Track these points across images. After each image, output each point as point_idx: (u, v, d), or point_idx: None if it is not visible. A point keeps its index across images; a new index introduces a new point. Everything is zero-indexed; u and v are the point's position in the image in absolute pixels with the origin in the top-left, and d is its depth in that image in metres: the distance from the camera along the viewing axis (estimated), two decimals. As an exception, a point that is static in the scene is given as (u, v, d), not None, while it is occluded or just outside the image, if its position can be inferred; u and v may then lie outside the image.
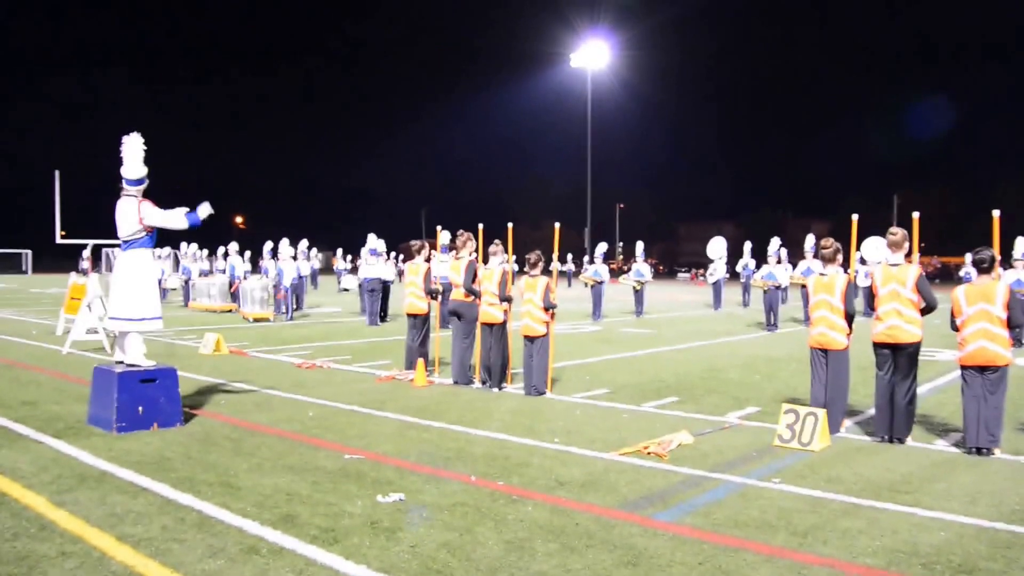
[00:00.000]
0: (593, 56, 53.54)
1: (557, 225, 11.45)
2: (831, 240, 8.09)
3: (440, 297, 18.32)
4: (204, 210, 8.18)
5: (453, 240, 11.84)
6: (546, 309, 9.85)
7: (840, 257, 8.00)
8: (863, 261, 20.70)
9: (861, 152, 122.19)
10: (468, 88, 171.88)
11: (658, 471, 6.42)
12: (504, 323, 10.25)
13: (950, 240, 65.42)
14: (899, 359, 7.44)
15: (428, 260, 11.95)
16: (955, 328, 7.33)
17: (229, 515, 5.22)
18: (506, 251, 10.67)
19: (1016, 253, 16.41)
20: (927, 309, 7.41)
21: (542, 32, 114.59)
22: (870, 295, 7.75)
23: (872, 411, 8.46)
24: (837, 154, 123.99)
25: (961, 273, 27.24)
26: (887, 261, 7.64)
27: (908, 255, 7.58)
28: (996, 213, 7.85)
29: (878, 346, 7.58)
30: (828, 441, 7.26)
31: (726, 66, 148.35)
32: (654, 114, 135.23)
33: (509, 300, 10.25)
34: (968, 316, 7.16)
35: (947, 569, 4.48)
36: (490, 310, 10.23)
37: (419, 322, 11.72)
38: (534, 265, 10.16)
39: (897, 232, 7.61)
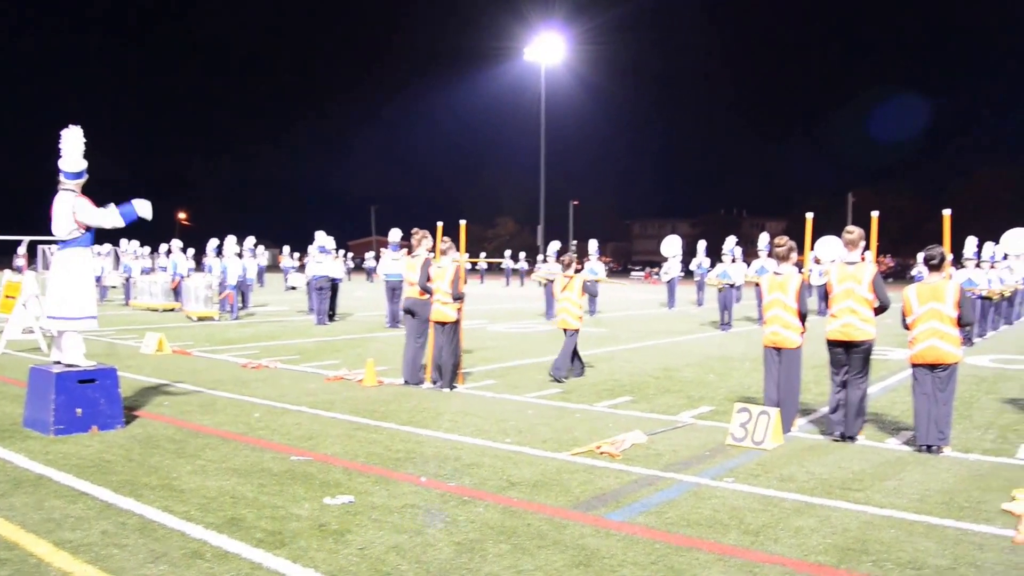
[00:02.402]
0: (547, 50, 53.53)
1: (463, 223, 11.03)
2: (785, 239, 8.11)
3: (391, 295, 18.26)
4: (143, 207, 7.87)
5: (406, 238, 11.62)
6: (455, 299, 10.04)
7: (794, 256, 8.01)
8: (817, 260, 20.97)
9: (817, 151, 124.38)
10: (420, 84, 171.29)
11: (611, 471, 6.38)
12: (456, 322, 10.13)
13: (905, 240, 66.71)
14: (852, 357, 7.48)
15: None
16: (906, 327, 7.40)
17: (172, 519, 5.06)
18: (458, 248, 10.55)
19: (967, 252, 16.73)
20: (880, 308, 7.46)
21: (495, 26, 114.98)
22: (825, 293, 7.79)
23: (824, 409, 8.55)
24: (793, 153, 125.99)
25: (913, 272, 27.78)
26: (843, 259, 7.66)
27: (864, 254, 7.63)
28: (947, 212, 7.95)
29: (832, 344, 7.61)
30: (781, 440, 7.28)
31: (682, 64, 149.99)
32: (609, 110, 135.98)
33: (461, 298, 10.14)
34: (919, 315, 7.23)
35: (896, 566, 4.49)
36: (442, 308, 10.11)
37: (449, 328, 10.22)
38: (568, 265, 11.32)
39: (853, 231, 7.65)
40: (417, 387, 10.19)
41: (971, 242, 16.75)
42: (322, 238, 19.67)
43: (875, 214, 8.31)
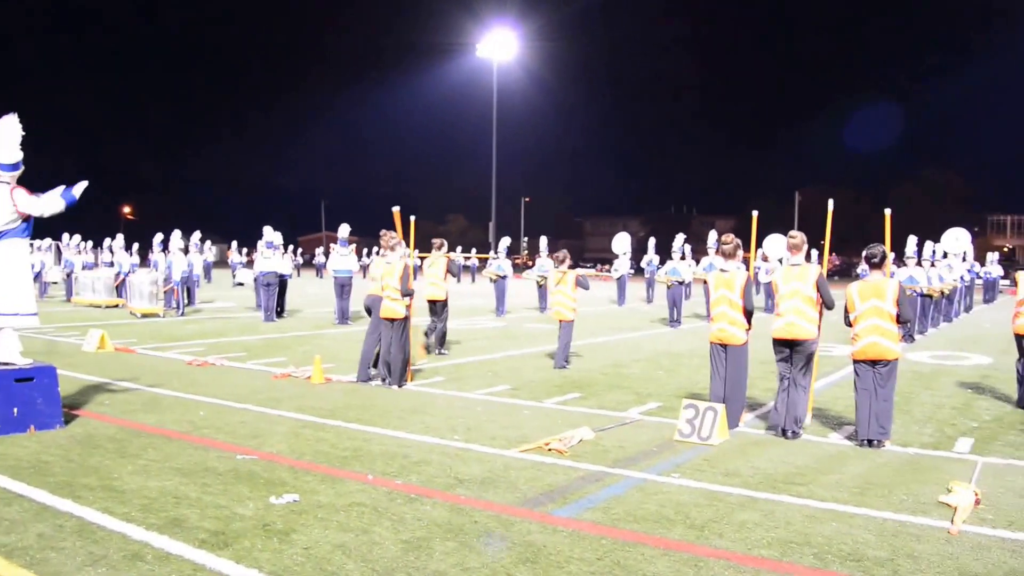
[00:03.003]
0: (499, 46, 53.46)
1: (412, 219, 11.00)
2: (731, 236, 8.19)
3: (341, 291, 18.10)
4: (79, 187, 7.71)
5: (354, 234, 11.53)
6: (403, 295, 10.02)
7: (740, 253, 8.14)
8: (765, 258, 21.26)
9: (767, 151, 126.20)
10: (371, 79, 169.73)
11: (558, 467, 6.40)
12: (406, 319, 10.08)
13: (850, 238, 67.83)
14: (795, 356, 7.61)
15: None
16: (848, 324, 7.55)
17: (112, 520, 4.95)
18: (408, 244, 10.50)
19: (908, 251, 17.10)
20: (825, 308, 7.62)
21: (448, 22, 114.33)
22: (772, 292, 7.97)
23: (770, 405, 8.69)
24: (743, 152, 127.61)
25: (859, 270, 28.35)
26: (788, 262, 7.80)
27: (808, 256, 7.81)
28: (888, 212, 8.12)
29: (777, 342, 7.73)
30: (727, 435, 7.36)
31: (634, 61, 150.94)
32: (562, 107, 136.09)
33: (411, 295, 10.09)
34: (861, 312, 7.37)
35: (837, 558, 4.58)
36: (391, 305, 10.05)
37: (398, 325, 10.18)
38: (561, 261, 12.07)
39: (797, 235, 7.79)
40: (366, 384, 10.12)
41: (912, 241, 17.13)
42: (270, 233, 19.41)
43: (831, 204, 8.42)
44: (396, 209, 10.48)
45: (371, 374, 10.43)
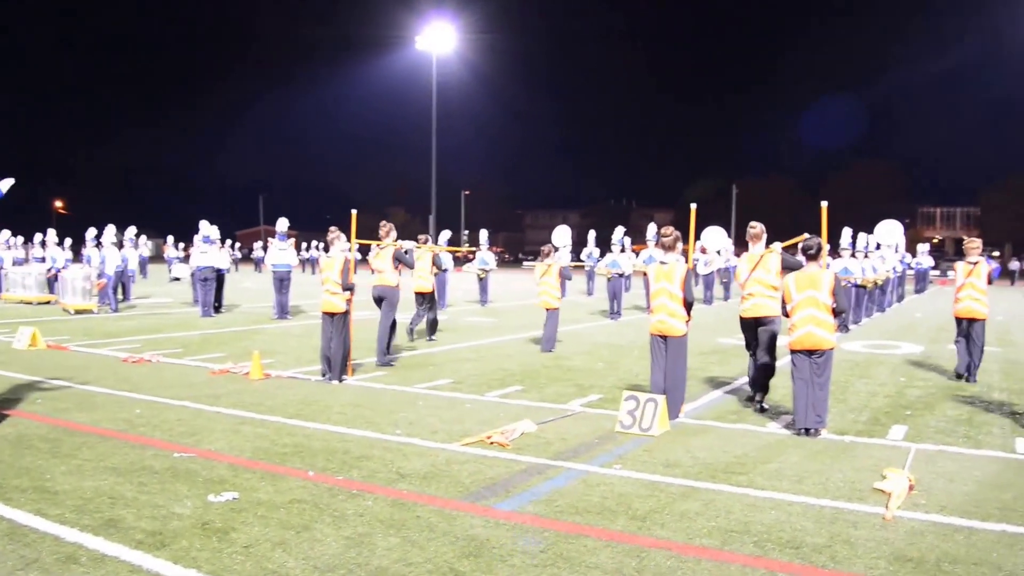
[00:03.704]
0: (439, 39, 53.16)
1: (354, 212, 10.87)
2: (671, 229, 8.32)
3: (279, 286, 17.85)
4: (6, 183, 7.48)
5: (293, 228, 11.41)
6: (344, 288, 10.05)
7: (680, 245, 8.22)
8: (703, 250, 21.51)
9: (704, 142, 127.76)
10: (311, 71, 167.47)
11: (500, 460, 6.40)
12: (346, 313, 9.99)
13: (786, 230, 69.13)
14: (760, 333, 8.49)
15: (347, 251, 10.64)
16: (786, 314, 7.70)
17: (44, 522, 4.82)
18: (348, 239, 10.40)
19: (843, 243, 17.47)
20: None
21: (387, 14, 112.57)
22: (712, 282, 8.32)
23: (708, 396, 8.86)
24: (681, 145, 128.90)
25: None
26: (750, 251, 8.66)
27: (768, 246, 8.51)
28: (824, 204, 8.29)
29: (743, 321, 8.68)
30: (667, 426, 7.45)
31: (572, 54, 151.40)
32: (501, 100, 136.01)
33: (351, 289, 10.00)
34: (797, 302, 7.53)
35: (776, 546, 4.66)
36: (331, 299, 9.95)
37: (338, 319, 10.12)
38: (547, 255, 13.51)
39: (756, 225, 8.64)
40: (305, 380, 9.99)
41: (847, 232, 17.51)
42: (206, 228, 19.04)
43: (824, 206, 8.44)
44: (354, 212, 10.72)
45: (389, 359, 11.40)
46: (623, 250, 21.14)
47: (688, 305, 7.99)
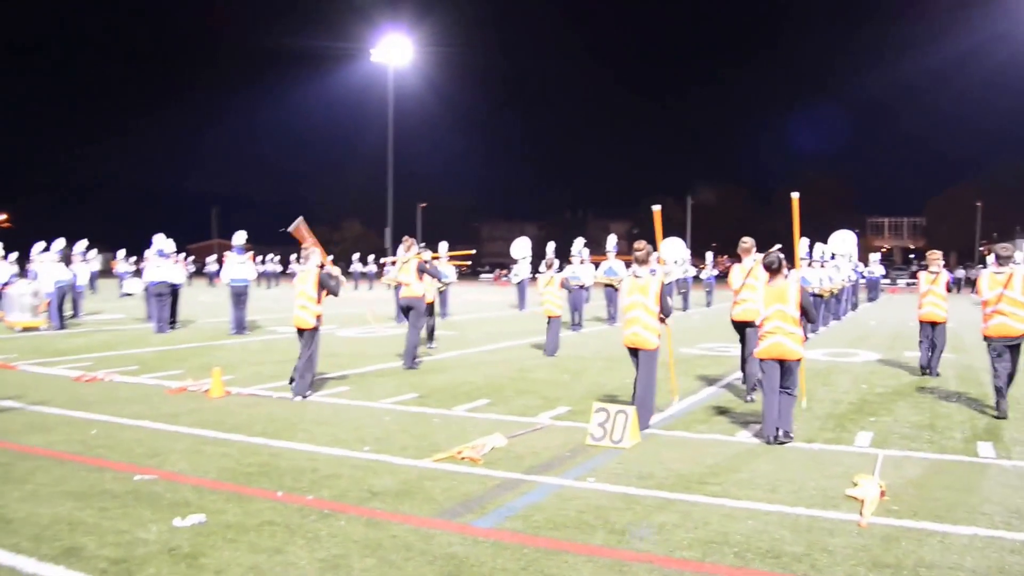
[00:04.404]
0: (394, 51, 52.95)
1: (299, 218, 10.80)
2: (643, 243, 8.43)
3: (237, 300, 17.55)
4: None
5: (251, 241, 11.22)
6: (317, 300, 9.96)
7: (653, 259, 8.46)
8: (659, 261, 21.63)
9: (657, 153, 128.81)
10: (262, 83, 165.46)
11: (473, 476, 6.30)
12: (315, 328, 9.82)
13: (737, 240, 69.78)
14: (747, 332, 9.18)
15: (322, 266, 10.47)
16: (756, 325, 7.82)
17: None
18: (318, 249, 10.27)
19: (800, 252, 17.61)
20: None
21: (341, 26, 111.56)
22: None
23: (674, 407, 8.88)
24: (636, 155, 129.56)
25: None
26: (742, 264, 9.74)
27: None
28: (795, 195, 8.73)
29: (734, 323, 9.55)
30: (638, 438, 7.41)
31: (527, 66, 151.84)
32: (457, 112, 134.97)
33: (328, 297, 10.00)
34: (766, 315, 7.63)
35: (756, 556, 4.64)
36: (300, 314, 9.78)
37: (307, 335, 9.95)
38: (549, 266, 14.72)
39: (747, 241, 9.71)
40: (266, 397, 9.77)
41: (804, 242, 17.70)
42: (161, 241, 18.63)
43: (795, 196, 9.61)
44: (299, 218, 10.63)
45: (416, 363, 12.35)
46: (582, 261, 21.12)
47: (664, 317, 8.07)
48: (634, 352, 8.08)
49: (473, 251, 22.83)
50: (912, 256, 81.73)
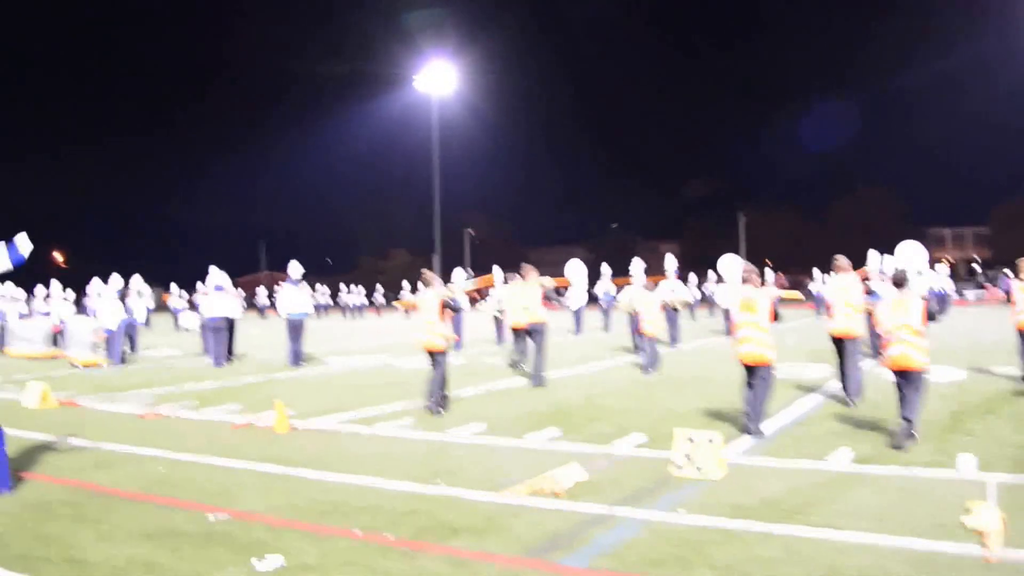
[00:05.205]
0: (438, 78, 53.27)
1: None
2: (750, 265, 9.56)
3: (294, 333, 17.46)
4: (24, 243, 7.10)
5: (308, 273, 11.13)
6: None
7: (757, 279, 9.04)
8: (720, 279, 21.19)
9: (703, 172, 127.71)
10: (305, 114, 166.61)
11: (556, 511, 6.00)
12: (444, 351, 9.90)
13: (791, 257, 68.30)
14: (755, 372, 8.81)
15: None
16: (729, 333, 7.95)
17: (75, 598, 4.42)
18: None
19: (871, 267, 17.06)
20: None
21: (384, 55, 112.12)
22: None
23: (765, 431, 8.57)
24: (681, 176, 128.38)
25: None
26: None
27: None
28: (770, 267, 8.65)
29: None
30: (725, 468, 7.02)
31: (570, 92, 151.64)
32: (502, 138, 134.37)
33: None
34: (737, 323, 8.97)
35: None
36: (427, 337, 10.12)
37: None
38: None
39: (841, 259, 10.52)
40: (330, 430, 9.58)
41: (874, 256, 17.13)
42: (217, 274, 18.68)
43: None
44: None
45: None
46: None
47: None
48: (751, 368, 8.79)
49: (491, 276, 22.22)
50: (979, 267, 79.49)
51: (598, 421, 9.74)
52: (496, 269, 22.50)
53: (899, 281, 8.48)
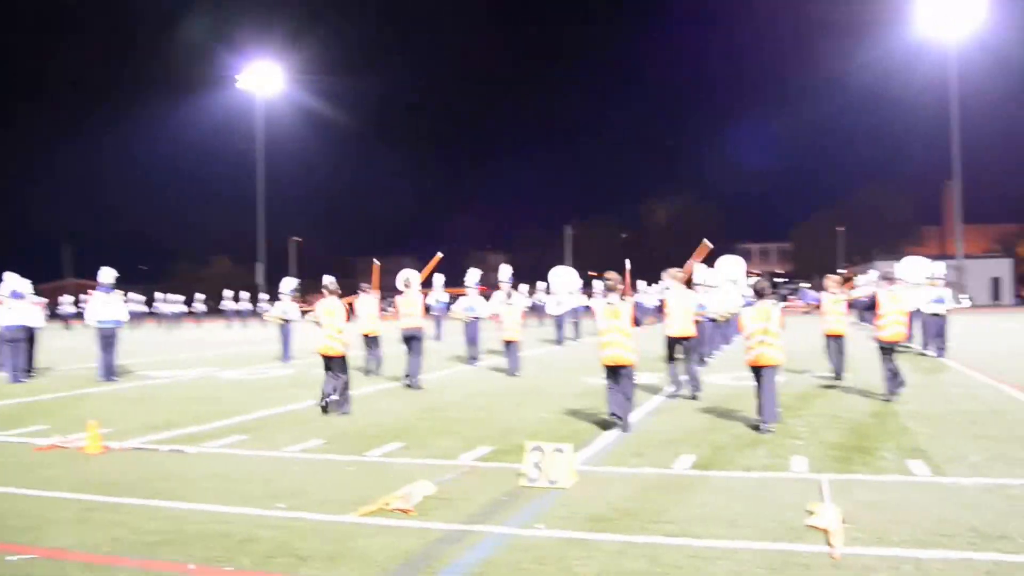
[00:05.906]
0: (263, 78, 51.26)
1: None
2: (614, 274, 9.59)
3: (105, 343, 16.13)
4: None
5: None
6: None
7: (620, 287, 9.40)
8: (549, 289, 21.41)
9: (532, 187, 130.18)
10: (115, 114, 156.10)
11: (409, 529, 5.69)
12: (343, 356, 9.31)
13: (616, 267, 70.56)
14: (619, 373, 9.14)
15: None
16: None
17: None
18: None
19: (695, 278, 17.68)
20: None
21: (201, 53, 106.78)
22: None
23: (606, 437, 8.54)
24: (508, 188, 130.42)
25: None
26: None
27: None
28: (706, 243, 8.81)
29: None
30: (576, 476, 6.91)
31: (399, 97, 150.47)
32: (331, 143, 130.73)
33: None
34: (601, 328, 9.31)
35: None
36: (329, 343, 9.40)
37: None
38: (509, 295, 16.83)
39: (612, 276, 9.68)
40: (152, 449, 8.79)
41: (700, 267, 17.75)
42: (15, 280, 16.97)
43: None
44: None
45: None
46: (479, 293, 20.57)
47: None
48: (614, 369, 9.14)
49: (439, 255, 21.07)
50: (783, 280, 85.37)
51: (443, 434, 9.43)
52: (326, 277, 21.70)
53: (760, 291, 9.51)
